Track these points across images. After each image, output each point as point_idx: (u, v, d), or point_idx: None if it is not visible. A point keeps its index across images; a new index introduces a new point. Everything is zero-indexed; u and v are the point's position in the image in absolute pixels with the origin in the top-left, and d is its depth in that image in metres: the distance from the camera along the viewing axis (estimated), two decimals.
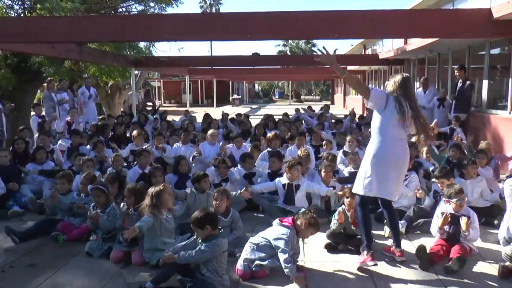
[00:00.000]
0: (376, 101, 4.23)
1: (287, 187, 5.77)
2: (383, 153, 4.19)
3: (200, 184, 5.38)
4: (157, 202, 4.34)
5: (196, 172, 5.70)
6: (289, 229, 4.11)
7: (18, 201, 6.33)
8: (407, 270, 4.27)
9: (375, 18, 7.47)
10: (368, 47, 26.58)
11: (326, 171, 5.93)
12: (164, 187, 4.45)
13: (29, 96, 12.92)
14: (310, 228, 4.13)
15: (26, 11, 11.47)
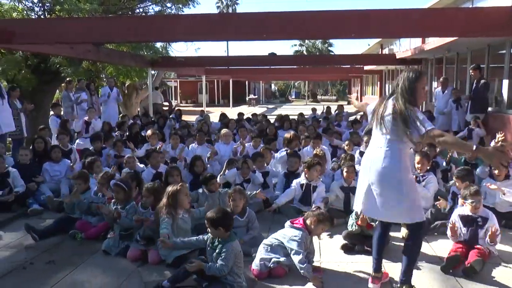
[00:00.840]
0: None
1: (304, 187, 5.75)
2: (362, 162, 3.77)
3: (208, 186, 5.42)
4: (173, 202, 4.39)
5: (204, 174, 5.73)
6: (300, 231, 4.12)
7: (37, 199, 6.45)
8: (424, 272, 4.22)
9: (392, 17, 7.39)
10: (385, 46, 26.38)
11: (348, 171, 5.88)
12: (180, 187, 4.48)
13: (48, 96, 13.13)
14: (320, 224, 4.14)
15: (46, 12, 11.65)
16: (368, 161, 3.62)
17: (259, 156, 6.80)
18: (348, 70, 30.00)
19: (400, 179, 3.46)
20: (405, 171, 3.50)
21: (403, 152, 3.49)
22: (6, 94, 8.51)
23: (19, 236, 5.29)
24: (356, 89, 40.67)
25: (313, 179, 5.78)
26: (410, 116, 3.31)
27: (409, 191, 3.48)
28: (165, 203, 4.41)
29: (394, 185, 3.47)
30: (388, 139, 3.48)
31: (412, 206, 3.50)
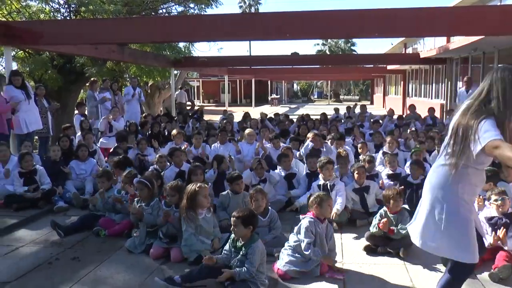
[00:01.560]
0: None
1: (322, 188, 5.72)
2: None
3: (233, 185, 5.40)
4: (192, 203, 4.38)
5: (231, 172, 5.73)
6: (305, 218, 4.19)
7: (63, 197, 6.58)
8: None
9: (417, 16, 7.28)
10: (408, 45, 26.04)
11: (359, 172, 5.82)
12: (199, 188, 4.43)
13: (73, 96, 13.38)
14: (322, 204, 4.17)
15: (72, 14, 11.86)
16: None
17: (283, 156, 6.78)
18: (371, 70, 29.74)
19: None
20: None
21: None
22: (33, 93, 8.71)
23: (46, 232, 5.41)
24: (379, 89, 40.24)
25: (328, 178, 5.73)
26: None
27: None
28: (184, 204, 4.42)
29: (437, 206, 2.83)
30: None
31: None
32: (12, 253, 4.82)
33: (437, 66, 19.08)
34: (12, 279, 4.12)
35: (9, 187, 6.52)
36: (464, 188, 2.75)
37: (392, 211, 4.68)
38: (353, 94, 68.09)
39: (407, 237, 4.50)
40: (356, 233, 5.23)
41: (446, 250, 2.88)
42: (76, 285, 3.99)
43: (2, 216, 5.95)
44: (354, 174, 5.86)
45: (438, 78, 19.34)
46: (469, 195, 2.81)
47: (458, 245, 2.77)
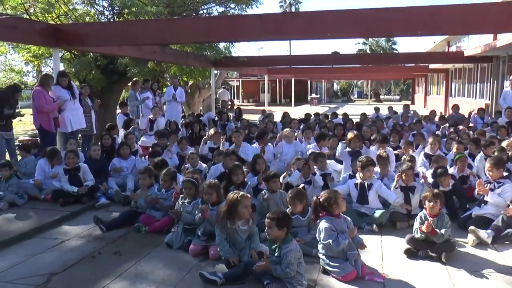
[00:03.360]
0: None
1: (359, 187, 5.64)
2: None
3: (270, 184, 5.40)
4: (231, 212, 4.27)
5: (269, 171, 5.72)
6: (320, 220, 4.16)
7: (105, 193, 6.78)
8: (493, 282, 3.99)
9: (463, 13, 7.03)
10: (452, 43, 25.27)
11: (407, 174, 5.69)
12: (241, 198, 4.26)
13: (115, 95, 13.75)
14: (338, 201, 4.15)
15: (115, 16, 12.18)
16: None
17: (320, 156, 6.73)
18: (412, 69, 29.04)
19: None
20: None
21: None
22: (78, 93, 9.01)
23: (89, 227, 5.59)
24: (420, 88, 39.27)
25: (366, 178, 5.65)
26: None
27: None
28: (224, 211, 4.31)
29: None
30: None
31: None
32: (59, 246, 5.03)
33: (482, 65, 18.43)
34: (59, 271, 4.30)
35: (55, 183, 6.81)
36: None
37: (432, 214, 4.55)
38: (394, 94, 66.77)
39: (449, 241, 4.43)
40: (397, 236, 5.12)
41: None
42: (118, 279, 4.11)
43: (49, 210, 6.22)
44: (403, 176, 5.71)
45: (483, 77, 18.69)
46: None
47: None
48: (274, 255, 3.80)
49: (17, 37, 8.16)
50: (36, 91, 8.23)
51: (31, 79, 13.71)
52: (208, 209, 4.66)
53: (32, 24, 8.69)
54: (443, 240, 4.44)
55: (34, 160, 7.46)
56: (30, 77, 13.92)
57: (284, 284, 3.70)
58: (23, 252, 4.82)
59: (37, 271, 4.29)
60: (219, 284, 3.85)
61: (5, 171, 6.68)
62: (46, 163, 7.10)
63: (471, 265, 4.27)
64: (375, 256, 4.58)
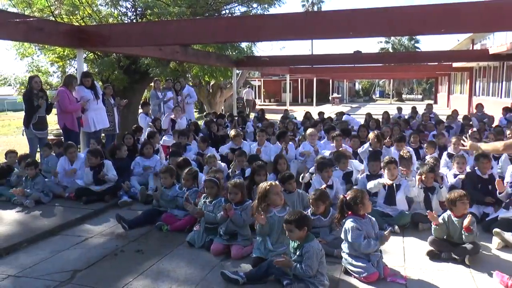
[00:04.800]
0: None
1: (387, 188, 5.58)
2: None
3: (285, 185, 5.37)
4: (264, 202, 4.36)
5: (283, 173, 5.70)
6: (347, 220, 4.15)
7: (127, 192, 6.87)
8: None
9: (487, 10, 6.87)
10: (476, 41, 24.76)
11: (427, 177, 5.62)
12: (270, 186, 4.42)
13: (137, 95, 13.91)
14: (364, 201, 4.12)
15: (138, 17, 12.32)
16: None
17: (343, 157, 6.68)
18: (435, 68, 28.57)
19: None
20: None
21: None
22: (101, 93, 9.15)
23: (111, 225, 5.69)
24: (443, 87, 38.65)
25: (394, 178, 5.58)
26: None
27: None
28: (256, 204, 4.42)
29: None
30: None
31: None
32: (82, 243, 5.13)
33: (508, 63, 18.01)
34: (83, 268, 4.39)
35: (79, 182, 6.94)
36: None
37: (457, 215, 4.48)
38: (416, 93, 65.86)
39: (473, 243, 4.36)
40: (419, 237, 5.06)
41: None
42: (140, 277, 4.16)
43: (73, 208, 6.36)
44: (423, 177, 5.65)
45: (509, 76, 18.27)
46: None
47: None
48: (296, 254, 3.79)
49: (43, 39, 8.31)
50: (60, 91, 8.40)
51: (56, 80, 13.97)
52: (232, 208, 4.68)
53: (57, 26, 8.85)
54: (472, 240, 4.37)
55: (57, 158, 7.61)
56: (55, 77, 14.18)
57: (306, 284, 3.69)
58: (49, 248, 4.94)
59: (62, 267, 4.39)
60: (241, 283, 3.87)
61: (31, 170, 6.83)
62: (66, 160, 7.24)
63: (496, 269, 4.16)
64: (397, 258, 4.53)
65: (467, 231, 4.35)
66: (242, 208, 4.70)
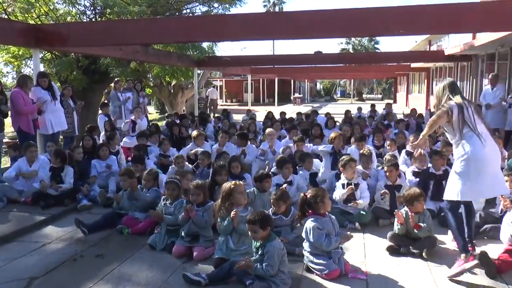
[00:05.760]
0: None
1: (346, 187, 5.67)
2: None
3: (262, 184, 5.38)
4: (228, 200, 4.36)
5: (260, 171, 5.70)
6: (307, 219, 4.18)
7: (87, 195, 6.70)
8: (473, 277, 4.06)
9: (443, 13, 7.13)
10: (433, 43, 25.61)
11: (389, 170, 5.78)
12: (234, 185, 4.42)
13: (97, 96, 13.64)
14: (325, 200, 4.17)
15: (97, 16, 12.07)
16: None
17: (307, 156, 6.74)
18: (394, 68, 29.34)
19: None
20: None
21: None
22: (59, 94, 8.89)
23: (70, 230, 5.52)
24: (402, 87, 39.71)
25: (351, 177, 5.68)
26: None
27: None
28: (219, 203, 4.41)
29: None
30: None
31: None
32: (39, 249, 4.96)
33: (462, 63, 18.69)
34: (40, 275, 4.24)
35: (36, 185, 6.71)
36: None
37: (414, 211, 4.62)
38: (376, 93, 67.40)
39: (430, 237, 4.51)
40: (379, 233, 5.18)
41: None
42: (101, 282, 4.07)
43: (30, 213, 6.11)
44: (386, 173, 5.82)
45: (463, 76, 18.96)
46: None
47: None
48: (258, 254, 3.80)
49: None
50: (14, 92, 8.07)
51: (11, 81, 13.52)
52: (194, 210, 4.64)
53: (11, 24, 8.55)
54: (426, 235, 4.52)
55: (14, 161, 7.34)
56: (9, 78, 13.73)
57: (268, 283, 3.70)
58: (3, 256, 4.73)
59: (18, 275, 4.23)
60: (203, 285, 3.84)
61: None
62: (24, 161, 6.96)
63: (451, 261, 4.30)
64: (358, 254, 4.62)
65: (416, 228, 4.50)
66: (204, 209, 4.67)
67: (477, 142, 3.99)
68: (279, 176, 6.17)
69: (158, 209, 5.07)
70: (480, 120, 4.12)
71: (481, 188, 4.05)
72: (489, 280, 3.97)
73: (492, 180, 4.04)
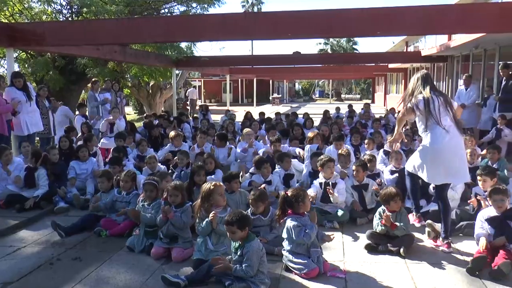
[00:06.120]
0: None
1: (324, 186, 5.72)
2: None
3: (230, 184, 5.38)
4: (207, 201, 4.34)
5: (229, 172, 5.69)
6: (287, 219, 4.19)
7: (63, 198, 6.58)
8: (450, 273, 4.15)
9: (420, 14, 7.25)
10: (410, 44, 25.99)
11: (357, 169, 5.88)
12: (214, 186, 4.39)
13: (75, 96, 13.45)
14: (305, 200, 4.19)
15: (74, 15, 11.90)
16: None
17: (286, 156, 6.76)
18: (372, 69, 29.71)
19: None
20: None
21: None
22: (35, 94, 8.72)
23: (47, 233, 5.42)
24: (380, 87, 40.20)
25: (329, 176, 5.73)
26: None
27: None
28: (199, 204, 4.39)
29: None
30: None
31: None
32: (14, 253, 4.84)
33: (438, 64, 19.04)
34: (14, 280, 4.14)
35: (10, 187, 6.56)
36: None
37: (390, 210, 4.69)
38: (355, 93, 68.07)
39: (408, 235, 4.58)
40: (357, 232, 5.23)
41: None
42: (78, 285, 4.00)
43: (4, 217, 5.97)
44: (353, 172, 5.91)
45: (439, 76, 19.31)
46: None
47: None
48: (237, 254, 3.80)
49: None
50: None
51: None
52: (172, 211, 4.61)
53: None
54: (403, 234, 4.59)
55: None
56: None
57: (247, 283, 3.71)
58: None
59: None
60: (182, 286, 3.81)
61: None
62: None
63: (428, 258, 4.43)
64: (337, 253, 4.66)
65: (392, 227, 4.58)
66: (182, 210, 4.64)
67: (438, 134, 4.40)
68: (258, 176, 6.17)
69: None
70: (446, 112, 4.46)
71: (433, 175, 4.53)
72: (465, 277, 4.05)
73: (444, 170, 4.48)
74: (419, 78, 4.56)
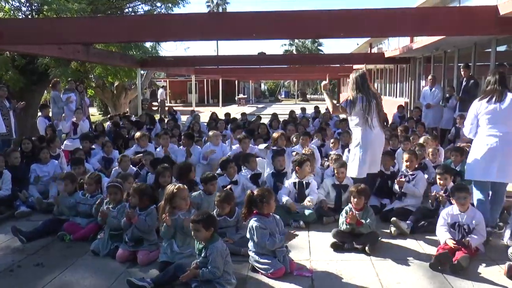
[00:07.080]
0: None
1: (297, 186, 5.76)
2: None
3: (207, 186, 5.36)
4: (170, 204, 4.30)
5: (206, 173, 5.66)
6: (251, 219, 4.21)
7: (25, 202, 6.37)
8: (413, 268, 4.27)
9: (382, 17, 7.42)
10: (374, 45, 26.50)
11: (340, 171, 5.94)
12: (177, 190, 4.32)
13: (36, 97, 13.06)
14: (270, 201, 4.21)
15: (34, 12, 11.55)
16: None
17: (251, 156, 6.77)
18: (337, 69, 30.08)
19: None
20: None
21: None
22: None
23: (7, 239, 5.23)
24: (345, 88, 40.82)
25: (305, 176, 5.79)
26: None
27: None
28: (162, 205, 4.33)
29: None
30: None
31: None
32: None
33: (401, 66, 19.50)
34: None
35: None
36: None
37: (357, 208, 4.77)
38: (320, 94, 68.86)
39: (373, 233, 4.68)
40: (323, 231, 5.28)
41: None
42: None
43: None
44: (335, 172, 5.98)
45: (402, 77, 19.79)
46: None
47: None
48: (201, 256, 3.79)
49: None
50: None
51: None
52: (136, 215, 4.54)
53: None
54: (368, 231, 4.68)
55: None
56: None
57: (213, 284, 3.70)
58: None
59: None
60: None
61: None
62: None
63: (393, 255, 4.54)
64: (303, 252, 4.71)
65: (358, 224, 4.66)
66: (146, 213, 4.58)
67: (368, 130, 5.43)
68: (224, 177, 6.16)
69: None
70: (377, 112, 5.44)
71: (364, 167, 5.52)
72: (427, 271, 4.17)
73: (369, 163, 5.54)
74: (355, 79, 5.43)
